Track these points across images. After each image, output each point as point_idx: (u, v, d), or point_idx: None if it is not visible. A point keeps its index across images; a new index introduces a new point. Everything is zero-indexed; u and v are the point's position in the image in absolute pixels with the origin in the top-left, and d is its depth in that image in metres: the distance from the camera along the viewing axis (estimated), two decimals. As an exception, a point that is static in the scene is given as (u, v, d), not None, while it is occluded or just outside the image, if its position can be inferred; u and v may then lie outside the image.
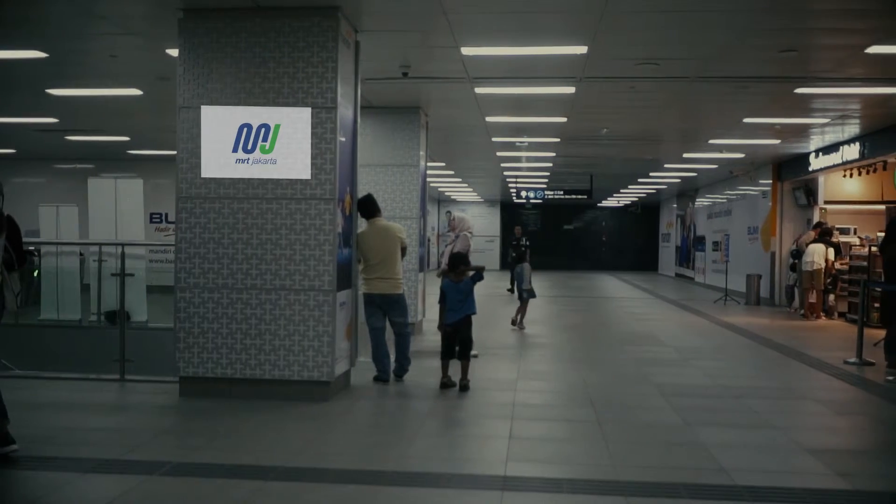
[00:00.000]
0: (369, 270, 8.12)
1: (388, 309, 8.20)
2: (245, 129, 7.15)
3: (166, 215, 20.02)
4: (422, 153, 12.25)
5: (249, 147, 7.16)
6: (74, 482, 4.91)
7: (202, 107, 7.20)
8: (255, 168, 7.17)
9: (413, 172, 12.06)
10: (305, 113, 7.12)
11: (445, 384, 7.90)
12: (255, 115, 7.15)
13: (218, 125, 7.17)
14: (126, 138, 16.59)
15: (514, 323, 13.07)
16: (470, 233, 10.33)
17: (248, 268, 7.19)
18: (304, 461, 5.39)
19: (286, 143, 7.13)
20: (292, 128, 7.12)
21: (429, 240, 31.23)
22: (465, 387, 7.83)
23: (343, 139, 7.38)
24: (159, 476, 5.03)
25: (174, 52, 7.55)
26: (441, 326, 8.06)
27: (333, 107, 7.13)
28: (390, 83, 10.15)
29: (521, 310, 13.11)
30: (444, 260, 10.40)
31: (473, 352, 8.70)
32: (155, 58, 8.92)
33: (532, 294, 13.08)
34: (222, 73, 7.20)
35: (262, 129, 7.14)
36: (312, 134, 7.12)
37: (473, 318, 8.12)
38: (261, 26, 7.16)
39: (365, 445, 5.93)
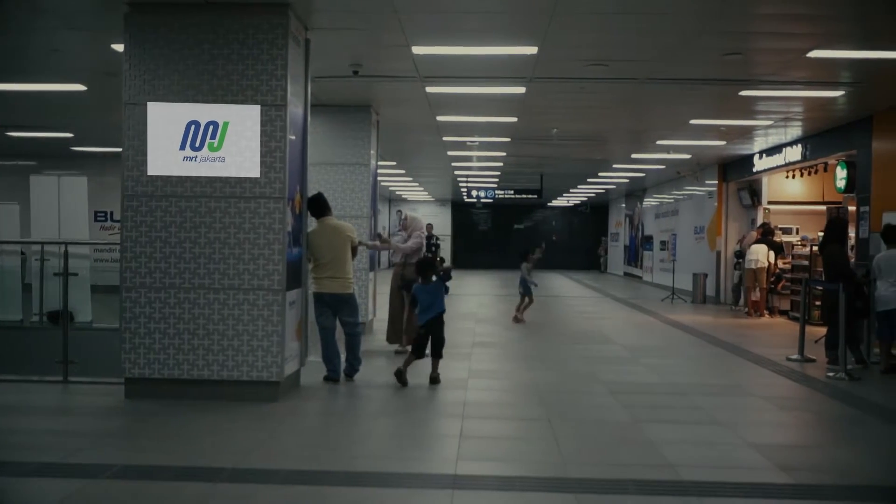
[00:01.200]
0: (319, 270, 8.07)
1: (338, 308, 8.16)
2: (193, 127, 7.05)
3: (111, 213, 19.62)
4: (372, 152, 12.21)
5: (197, 145, 7.06)
6: (16, 486, 4.79)
7: (149, 103, 7.08)
8: (203, 166, 7.07)
9: (363, 171, 12.01)
10: (255, 111, 7.05)
11: (400, 373, 8.05)
12: (204, 112, 7.05)
13: (165, 122, 7.06)
14: (69, 135, 16.22)
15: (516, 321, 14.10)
16: (422, 233, 10.31)
17: (196, 267, 7.10)
18: (254, 462, 5.33)
19: (235, 141, 7.05)
20: (241, 126, 7.05)
21: (379, 237, 31.11)
22: (435, 379, 8.15)
23: (293, 137, 7.32)
24: (105, 479, 4.93)
25: (120, 48, 7.40)
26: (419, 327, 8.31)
27: (283, 105, 7.07)
28: (341, 81, 10.10)
29: (526, 305, 14.44)
30: (395, 258, 10.42)
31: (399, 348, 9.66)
32: (99, 53, 8.74)
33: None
34: (170, 69, 7.09)
35: (211, 127, 7.05)
36: (262, 132, 7.06)
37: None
38: (210, 22, 7.06)
39: (315, 445, 5.89)
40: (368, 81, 10.23)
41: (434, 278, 8.26)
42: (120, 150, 7.17)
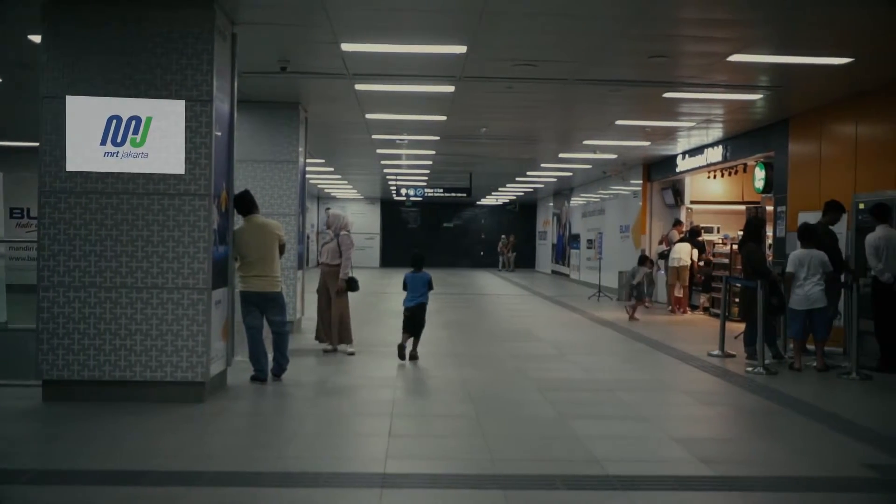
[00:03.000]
0: (246, 268, 7.95)
1: (265, 307, 8.05)
2: (114, 122, 6.87)
3: (28, 210, 18.97)
4: (300, 149, 12.09)
5: (119, 140, 6.88)
6: (-75, 495, 4.60)
7: (68, 97, 6.86)
8: (124, 162, 6.89)
9: (291, 169, 11.89)
10: (179, 106, 6.91)
11: (401, 348, 9.46)
12: (125, 106, 6.87)
13: (85, 117, 6.85)
14: (-18, 128, 15.64)
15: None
16: (347, 230, 10.25)
17: (118, 266, 6.92)
18: (179, 464, 5.23)
19: (158, 137, 6.90)
20: (165, 121, 6.89)
21: (308, 237, 30.85)
22: (414, 356, 9.48)
23: (219, 133, 7.20)
24: (21, 485, 4.77)
25: (37, 38, 7.16)
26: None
27: (209, 100, 6.94)
28: (269, 77, 9.97)
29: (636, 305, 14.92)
30: (323, 258, 10.35)
31: (350, 349, 9.89)
32: (14, 43, 8.44)
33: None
34: (90, 62, 6.89)
35: (133, 122, 6.88)
36: (186, 128, 6.92)
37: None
38: (133, 15, 6.89)
39: (242, 447, 5.81)
40: (296, 78, 10.13)
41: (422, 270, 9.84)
42: (37, 144, 6.93)
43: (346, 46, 8.52)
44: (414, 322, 9.62)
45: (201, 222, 6.95)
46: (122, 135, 6.88)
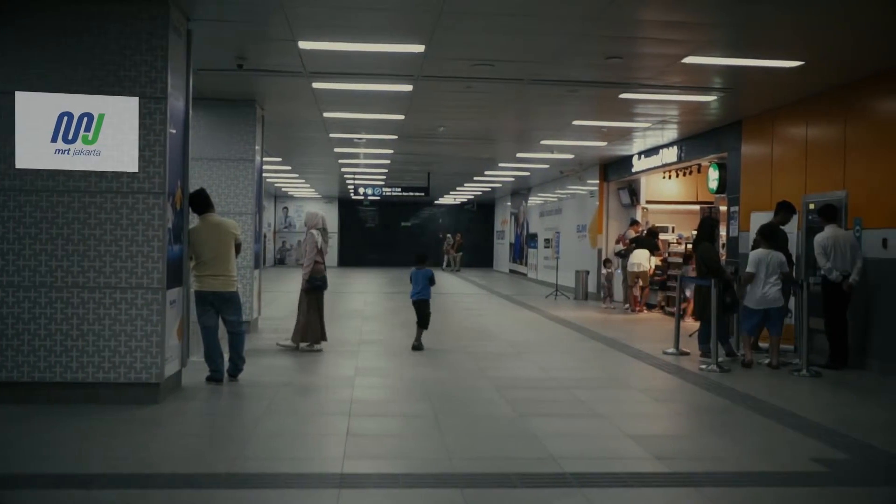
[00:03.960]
0: (201, 267, 7.86)
1: (221, 307, 7.97)
2: (66, 118, 6.75)
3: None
4: (257, 147, 11.98)
5: (70, 137, 6.76)
6: None
7: (17, 93, 6.72)
8: (76, 159, 6.78)
9: (248, 167, 11.78)
10: (133, 103, 6.81)
11: (417, 346, 10.52)
12: (77, 103, 6.76)
13: (35, 113, 6.72)
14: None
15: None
16: (318, 229, 10.18)
17: (70, 265, 6.80)
18: (132, 467, 5.15)
19: (112, 134, 6.79)
20: (118, 118, 6.79)
21: (265, 236, 30.60)
22: (417, 346, 10.45)
23: (174, 131, 7.11)
24: (-33, 490, 4.67)
25: (-15, 33, 7.00)
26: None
27: (163, 97, 6.85)
28: (225, 75, 9.87)
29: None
30: (298, 256, 10.38)
31: (318, 346, 10.15)
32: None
33: None
34: (41, 57, 6.76)
35: (85, 119, 6.76)
36: (140, 125, 6.82)
37: None
38: (85, 10, 6.78)
39: (197, 448, 5.74)
40: (253, 75, 10.04)
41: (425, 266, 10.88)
42: (-15, 141, 6.78)
43: (304, 44, 8.46)
44: (420, 315, 10.67)
45: (155, 221, 6.86)
46: (73, 132, 6.76)
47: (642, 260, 15.88)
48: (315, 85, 10.52)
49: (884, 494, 4.97)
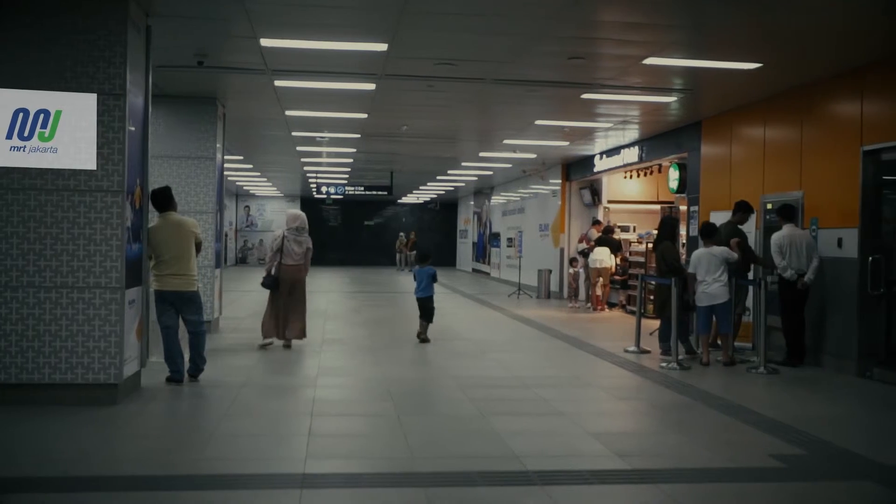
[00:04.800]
0: (161, 267, 7.77)
1: (181, 307, 7.88)
2: (21, 115, 6.62)
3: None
4: (218, 145, 11.86)
5: (26, 134, 6.63)
6: None
7: (-29, 88, 6.59)
8: (32, 157, 6.65)
9: (209, 165, 11.65)
10: (91, 99, 6.71)
11: (423, 339, 11.23)
12: (34, 99, 6.63)
13: (-11, 109, 6.59)
14: None
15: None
16: (289, 229, 10.39)
17: (25, 264, 6.67)
18: (90, 469, 5.08)
19: (69, 131, 6.68)
20: (76, 115, 6.68)
21: (226, 235, 30.32)
22: (424, 340, 11.18)
23: (133, 128, 7.01)
24: (-81, 494, 4.56)
25: (-63, 27, 6.85)
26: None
27: (122, 94, 6.76)
28: (185, 72, 9.76)
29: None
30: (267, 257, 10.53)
31: (266, 341, 10.34)
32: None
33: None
34: (-6, 52, 6.63)
35: (41, 115, 6.64)
36: (99, 122, 6.72)
37: None
38: (42, 4, 6.65)
39: (157, 450, 5.66)
40: (214, 73, 9.94)
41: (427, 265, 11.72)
42: (-63, 137, 6.63)
43: (265, 42, 8.40)
44: (423, 311, 11.37)
45: (114, 219, 6.77)
46: (29, 128, 6.64)
47: (604, 256, 16.03)
48: (277, 83, 10.45)
49: (840, 489, 5.07)
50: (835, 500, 4.87)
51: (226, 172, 13.79)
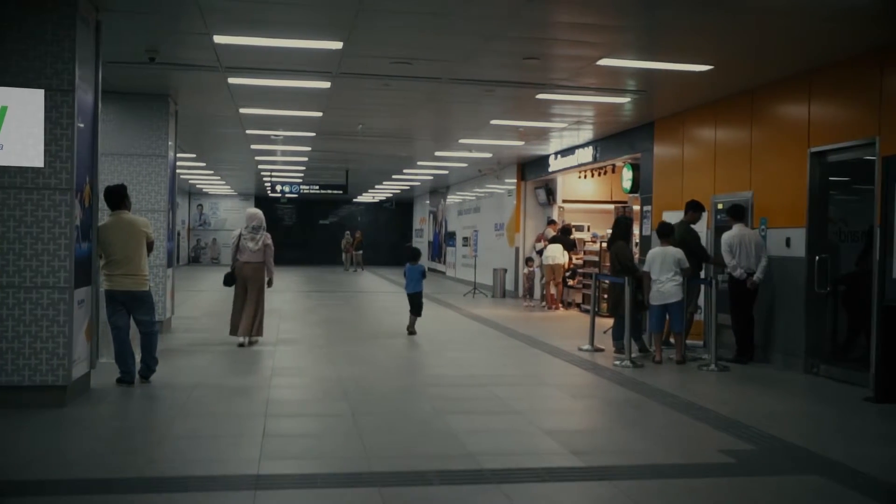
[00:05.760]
0: (112, 266, 7.63)
1: (132, 307, 7.75)
2: (-35, 110, 6.45)
3: None
4: (171, 143, 11.69)
5: (-30, 130, 6.47)
6: None
7: (-88, 83, 6.41)
8: (-23, 153, 6.49)
9: (161, 163, 11.48)
10: (38, 95, 6.56)
11: (411, 332, 11.99)
12: (-22, 94, 6.47)
13: (-68, 104, 6.41)
14: None
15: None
16: (246, 229, 10.74)
17: (-30, 263, 6.51)
18: (37, 473, 4.97)
19: (15, 128, 6.52)
20: (22, 111, 6.53)
21: (178, 234, 29.92)
22: (411, 332, 12.01)
23: (82, 125, 6.88)
24: None
25: None
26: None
27: (70, 89, 6.62)
28: (136, 68, 9.59)
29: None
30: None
31: (241, 338, 10.47)
32: None
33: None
34: (-63, 46, 6.45)
35: (-14, 111, 6.48)
36: (46, 118, 6.58)
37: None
38: (-15, -3, 6.50)
39: (107, 452, 5.57)
40: (166, 69, 9.79)
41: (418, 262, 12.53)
42: None
43: (219, 38, 8.30)
44: (413, 305, 12.16)
45: (62, 218, 6.63)
46: (-27, 124, 6.47)
47: (556, 254, 16.15)
48: (231, 80, 10.33)
49: (788, 483, 5.17)
50: (783, 494, 4.97)
51: (178, 170, 13.60)
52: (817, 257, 8.81)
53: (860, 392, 7.90)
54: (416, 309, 12.20)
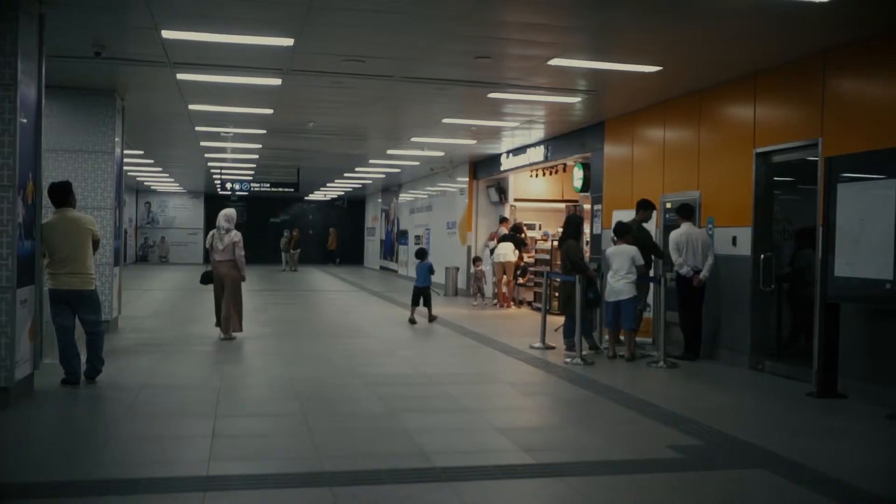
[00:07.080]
0: (56, 265, 7.46)
1: (77, 306, 7.60)
2: None
3: None
4: (117, 139, 11.47)
5: None
6: None
7: None
8: (-86, 149, 6.30)
9: (107, 160, 11.26)
10: (-22, 89, 6.39)
11: (412, 321, 13.16)
12: (-85, 88, 6.28)
13: None
14: None
15: None
16: (215, 229, 11.23)
17: None
18: (-22, 477, 4.84)
19: (-46, 123, 6.35)
20: (-38, 105, 6.36)
21: (125, 232, 29.37)
22: (433, 319, 13.41)
23: (24, 121, 6.72)
24: None
25: None
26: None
27: (12, 84, 6.47)
28: (82, 63, 9.40)
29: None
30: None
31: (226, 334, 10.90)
32: None
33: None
34: None
35: (-76, 105, 6.29)
36: (-13, 113, 6.41)
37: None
38: (-78, -12, 6.31)
39: (52, 455, 5.44)
40: (112, 64, 9.61)
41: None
42: None
43: (167, 33, 8.17)
44: (423, 297, 13.48)
45: (4, 216, 6.47)
46: (-90, 119, 6.28)
47: (507, 251, 16.24)
48: (179, 76, 10.18)
49: (735, 477, 5.27)
50: (730, 488, 5.06)
51: (126, 167, 13.37)
52: (762, 256, 9.00)
53: (804, 387, 8.09)
54: (425, 301, 13.49)
